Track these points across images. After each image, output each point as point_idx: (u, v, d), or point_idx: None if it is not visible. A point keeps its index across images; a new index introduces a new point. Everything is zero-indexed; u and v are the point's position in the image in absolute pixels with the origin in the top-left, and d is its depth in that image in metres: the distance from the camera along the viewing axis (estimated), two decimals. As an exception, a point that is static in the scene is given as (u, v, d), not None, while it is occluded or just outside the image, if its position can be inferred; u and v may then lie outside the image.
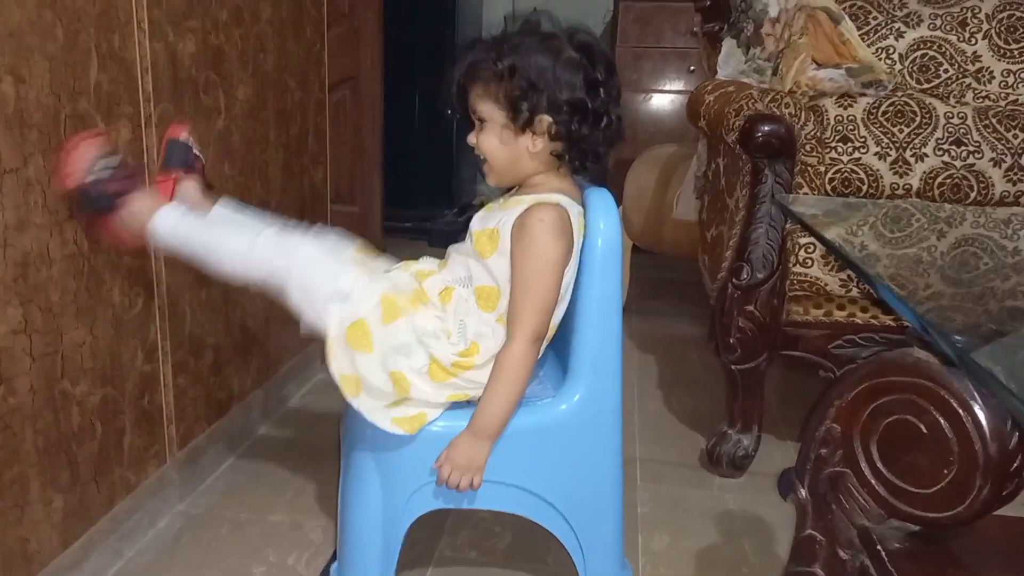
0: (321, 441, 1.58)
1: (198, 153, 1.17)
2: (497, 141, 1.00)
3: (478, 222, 1.04)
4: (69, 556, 1.06)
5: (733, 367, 1.45)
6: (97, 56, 1.02)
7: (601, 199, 1.04)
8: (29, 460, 0.96)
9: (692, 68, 3.20)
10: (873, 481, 0.80)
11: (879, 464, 0.79)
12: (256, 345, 1.54)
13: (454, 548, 1.27)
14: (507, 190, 1.07)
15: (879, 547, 0.78)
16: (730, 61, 1.92)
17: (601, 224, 1.03)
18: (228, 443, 1.48)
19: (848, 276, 1.34)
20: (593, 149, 1.00)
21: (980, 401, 0.71)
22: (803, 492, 0.87)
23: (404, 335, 0.98)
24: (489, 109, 0.99)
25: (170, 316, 1.23)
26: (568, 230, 0.99)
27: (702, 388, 1.92)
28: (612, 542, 1.10)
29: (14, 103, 0.89)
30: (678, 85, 3.22)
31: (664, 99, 3.24)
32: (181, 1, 1.19)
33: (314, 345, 1.86)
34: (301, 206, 1.70)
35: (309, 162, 1.73)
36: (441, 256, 1.08)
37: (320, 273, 1.00)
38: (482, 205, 1.08)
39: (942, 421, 0.73)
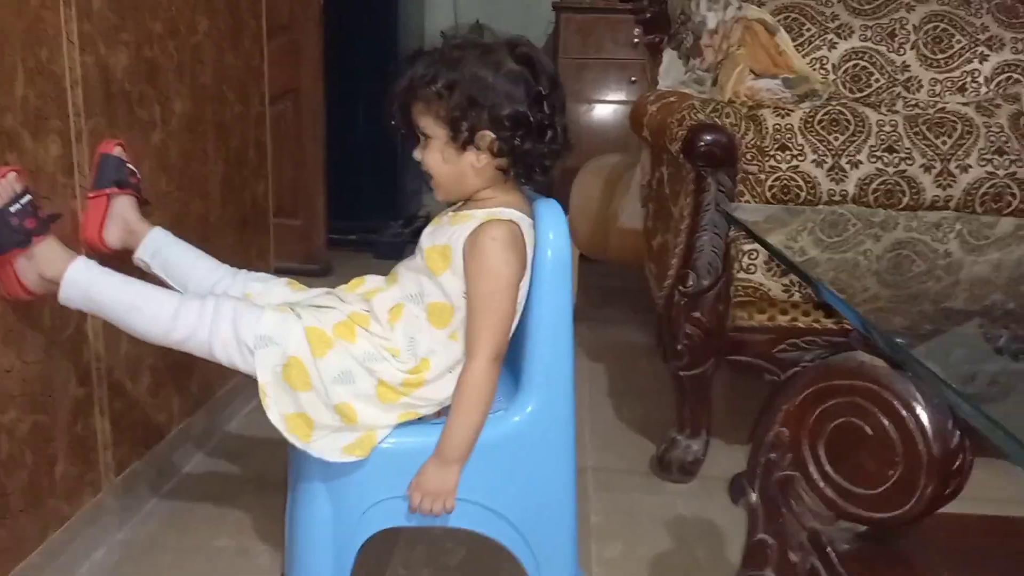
0: (262, 466, 1.54)
1: (133, 168, 1.13)
2: (440, 158, 0.98)
3: (428, 238, 1.02)
4: (-1, 594, 1.01)
5: (681, 373, 1.47)
6: (23, 71, 0.98)
7: (550, 210, 1.04)
8: (-47, 494, 0.91)
9: (633, 79, 3.25)
10: (821, 483, 0.81)
11: (827, 467, 0.80)
12: (195, 367, 1.49)
13: (407, 566, 1.25)
14: (455, 203, 1.06)
15: (828, 549, 0.80)
16: (671, 72, 1.95)
17: (551, 235, 1.03)
18: (167, 469, 1.43)
19: (790, 281, 1.37)
20: (539, 162, 0.99)
21: (922, 402, 0.73)
22: (754, 496, 0.88)
23: (342, 363, 0.96)
24: (431, 126, 0.97)
25: (105, 336, 1.19)
26: (521, 246, 0.99)
27: (651, 395, 1.94)
28: (566, 553, 1.09)
29: (-68, 119, 0.85)
30: (620, 95, 3.27)
31: (606, 109, 3.28)
32: (113, 14, 1.16)
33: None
34: (242, 221, 1.66)
35: (250, 175, 1.69)
36: (387, 270, 1.07)
37: (240, 325, 0.94)
38: (428, 217, 1.06)
39: (886, 422, 0.75)
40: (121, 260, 1.08)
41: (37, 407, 1.05)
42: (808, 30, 1.91)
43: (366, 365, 0.96)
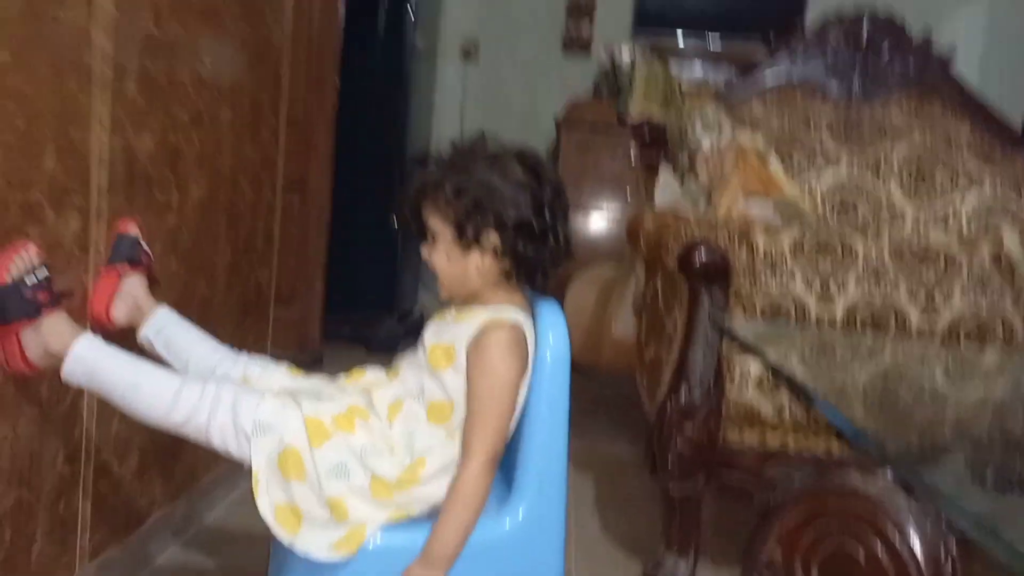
0: (238, 561, 1.49)
1: (146, 249, 1.16)
2: (446, 258, 1.02)
3: (431, 335, 1.04)
4: None
5: (670, 489, 1.46)
6: (54, 147, 1.02)
7: (551, 312, 1.06)
8: (-74, 568, 0.89)
9: (628, 199, 3.38)
10: (815, 606, 0.80)
11: (821, 589, 0.80)
12: (182, 451, 1.47)
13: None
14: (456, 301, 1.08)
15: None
16: (667, 189, 2.04)
17: (551, 337, 1.05)
18: (142, 558, 1.38)
19: (783, 403, 1.39)
20: (540, 267, 1.03)
21: (916, 526, 0.74)
22: (747, 618, 0.87)
23: (339, 455, 0.96)
24: (439, 226, 1.01)
25: (99, 414, 1.18)
26: (523, 349, 1.01)
27: (638, 509, 1.90)
28: (551, 669, 1.06)
29: (-36, 191, 0.88)
30: (615, 207, 3.37)
31: (602, 220, 3.38)
32: (143, 100, 1.21)
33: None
34: (244, 306, 1.68)
35: (256, 262, 1.73)
36: (381, 363, 1.08)
37: (239, 410, 0.95)
38: (422, 314, 1.09)
39: (879, 546, 0.75)
40: (124, 338, 1.09)
41: (23, 482, 1.03)
42: (798, 160, 2.00)
43: (363, 459, 0.96)
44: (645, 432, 2.26)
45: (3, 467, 0.99)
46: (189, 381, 0.96)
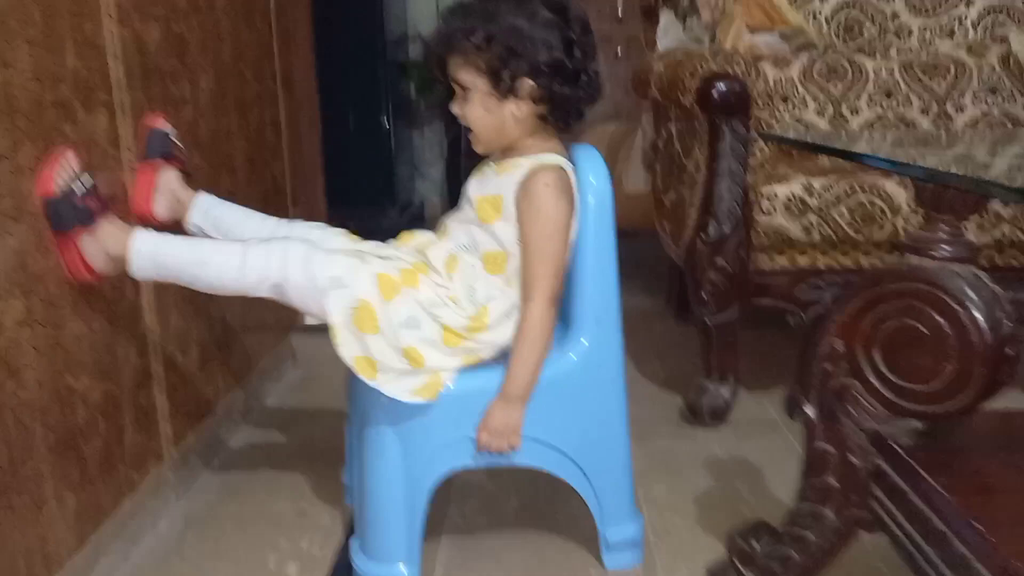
0: (305, 436, 1.57)
1: (177, 141, 1.15)
2: (482, 109, 1.01)
3: (476, 188, 1.06)
4: (82, 559, 1.03)
5: (707, 320, 1.52)
6: (72, 42, 1.00)
7: (590, 156, 1.08)
8: (41, 456, 0.94)
9: (618, 55, 3.30)
10: (879, 386, 0.86)
11: (883, 369, 0.86)
12: (235, 342, 1.52)
13: (463, 516, 1.29)
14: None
15: (893, 444, 0.85)
16: (669, 32, 2.00)
17: (592, 180, 1.07)
18: (216, 442, 1.45)
19: (810, 222, 1.43)
20: (575, 107, 1.03)
21: (974, 296, 0.79)
22: (810, 408, 0.93)
23: (409, 309, 0.99)
24: (470, 78, 1.00)
25: (157, 310, 1.21)
26: (570, 190, 1.03)
27: (668, 354, 1.98)
28: (624, 487, 1.14)
29: (2, 88, 0.87)
30: (605, 68, 3.31)
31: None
32: (144, -12, 1.18)
33: (284, 344, 1.84)
34: (264, 199, 1.68)
35: (269, 155, 1.72)
36: None
37: (312, 267, 0.98)
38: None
39: (940, 319, 0.80)
40: (169, 231, 1.10)
41: (105, 376, 1.07)
42: (800, -13, 1.95)
43: (430, 311, 1.00)
44: (667, 280, 2.33)
45: (88, 361, 1.03)
46: (251, 244, 0.99)
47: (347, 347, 0.97)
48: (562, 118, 1.04)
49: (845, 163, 1.59)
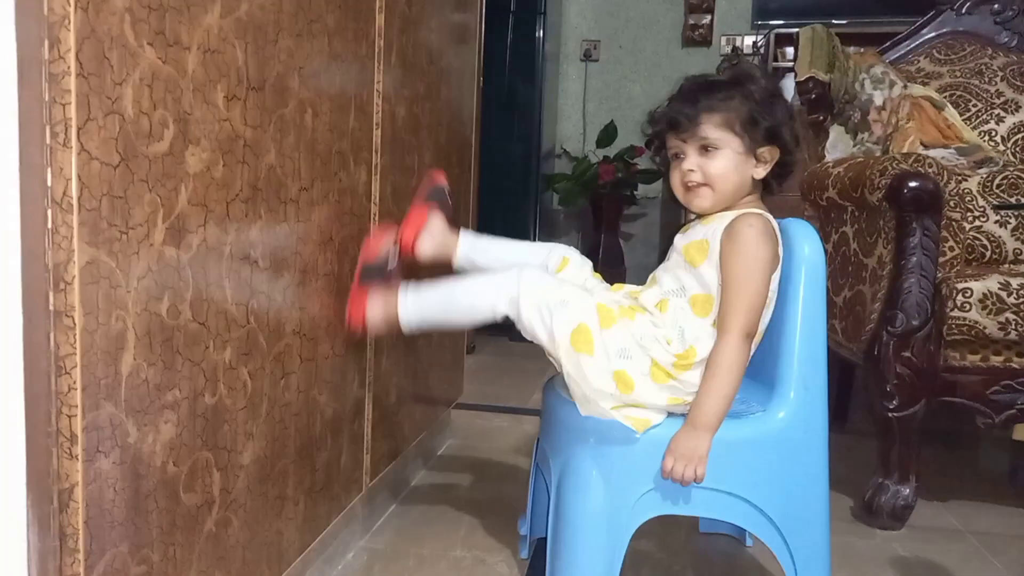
0: (478, 485, 1.65)
1: (449, 200, 1.33)
2: (732, 167, 1.10)
3: (682, 239, 1.15)
4: (296, 567, 1.10)
5: (891, 415, 1.49)
6: (354, 107, 1.18)
7: (803, 228, 1.14)
8: (290, 456, 1.03)
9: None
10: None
11: None
12: (427, 389, 1.62)
13: (641, 582, 1.29)
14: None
15: None
16: (838, 146, 2.07)
17: (806, 249, 1.13)
18: (396, 485, 1.53)
19: (1007, 320, 1.41)
20: (790, 172, 1.14)
21: None
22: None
23: (623, 340, 1.07)
24: (727, 137, 1.09)
25: (375, 348, 1.33)
26: (774, 237, 1.09)
27: (834, 460, 1.93)
28: (822, 559, 1.12)
29: (310, 132, 1.03)
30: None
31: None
32: (400, 71, 1.37)
33: (446, 415, 1.93)
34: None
35: (459, 233, 1.87)
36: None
37: (545, 290, 1.09)
38: None
39: None
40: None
41: (336, 397, 1.18)
42: (974, 106, 2.01)
43: (643, 345, 1.06)
44: (835, 388, 2.29)
45: (328, 380, 1.14)
46: (489, 273, 1.13)
47: (568, 365, 1.05)
48: (780, 182, 1.13)
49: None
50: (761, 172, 1.11)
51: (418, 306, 1.15)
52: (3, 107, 0.60)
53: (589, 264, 1.23)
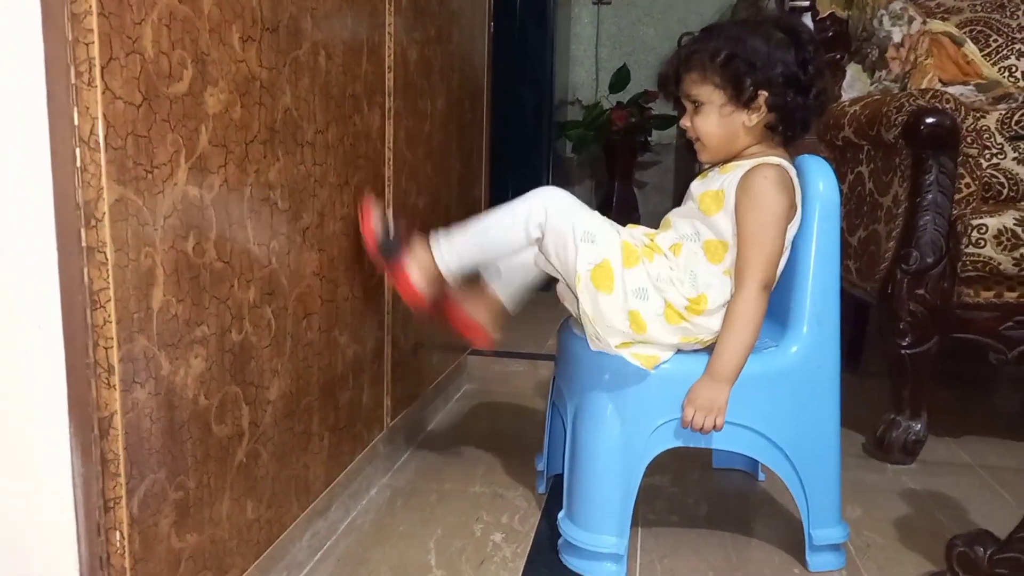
0: (496, 425, 1.70)
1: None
2: (716, 119, 1.11)
3: (699, 186, 1.15)
4: (323, 500, 1.15)
5: (904, 352, 1.51)
6: (367, 49, 1.18)
7: (818, 164, 1.14)
8: (314, 393, 1.07)
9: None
10: None
11: None
12: (439, 335, 1.65)
13: (655, 513, 1.33)
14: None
15: None
16: (855, 85, 2.05)
17: (820, 186, 1.13)
18: (416, 425, 1.57)
19: (1021, 255, 1.41)
20: (803, 118, 1.12)
21: None
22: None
23: (641, 280, 1.08)
24: (707, 92, 1.11)
25: (393, 291, 1.35)
26: (790, 186, 1.09)
27: (847, 400, 1.95)
28: (833, 489, 1.15)
29: (324, 75, 1.04)
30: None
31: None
32: (412, 14, 1.36)
33: (462, 361, 1.97)
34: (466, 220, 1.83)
35: (473, 179, 1.88)
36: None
37: (573, 217, 1.10)
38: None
39: None
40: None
41: (356, 338, 1.21)
42: (995, 41, 1.97)
43: (658, 286, 1.08)
44: (849, 329, 2.30)
45: (349, 322, 1.17)
46: (516, 202, 1.13)
47: (584, 300, 1.07)
48: (790, 128, 1.12)
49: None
50: (755, 119, 1.10)
51: (453, 251, 1.16)
52: (30, 47, 0.61)
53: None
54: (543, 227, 1.10)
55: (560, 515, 1.18)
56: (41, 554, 0.69)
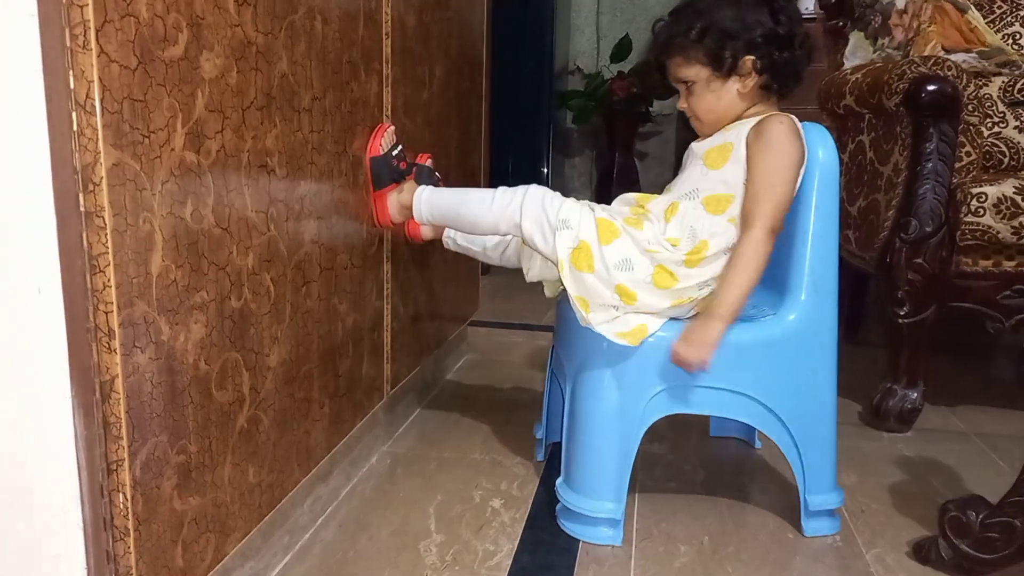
0: (495, 394, 1.71)
1: (438, 176, 1.35)
2: (709, 95, 1.11)
3: (701, 146, 1.14)
4: (324, 466, 1.16)
5: (901, 320, 1.51)
6: (363, 15, 1.17)
7: (818, 132, 1.14)
8: (314, 360, 1.07)
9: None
10: None
11: None
12: (435, 312, 1.65)
13: (653, 480, 1.34)
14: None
15: None
16: (858, 52, 2.03)
17: (820, 153, 1.13)
18: (416, 394, 1.58)
19: (1020, 224, 1.41)
20: (793, 70, 1.11)
21: None
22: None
23: (624, 251, 1.08)
24: (692, 71, 1.12)
25: (393, 261, 1.35)
26: (800, 137, 1.09)
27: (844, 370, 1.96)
28: (828, 456, 1.16)
29: (320, 41, 1.03)
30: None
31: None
32: (409, -22, 1.35)
33: (463, 331, 1.97)
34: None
35: (471, 148, 1.87)
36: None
37: (547, 206, 1.10)
38: None
39: None
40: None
41: (356, 307, 1.21)
42: (999, 7, 1.95)
43: (647, 250, 1.07)
44: (848, 299, 2.30)
45: (348, 290, 1.17)
46: (498, 192, 1.15)
47: (570, 284, 1.07)
48: (783, 83, 1.12)
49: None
50: (748, 84, 1.09)
51: (430, 204, 1.20)
52: (24, 8, 0.61)
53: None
54: (519, 226, 1.11)
55: (558, 481, 1.20)
56: (45, 515, 0.70)
